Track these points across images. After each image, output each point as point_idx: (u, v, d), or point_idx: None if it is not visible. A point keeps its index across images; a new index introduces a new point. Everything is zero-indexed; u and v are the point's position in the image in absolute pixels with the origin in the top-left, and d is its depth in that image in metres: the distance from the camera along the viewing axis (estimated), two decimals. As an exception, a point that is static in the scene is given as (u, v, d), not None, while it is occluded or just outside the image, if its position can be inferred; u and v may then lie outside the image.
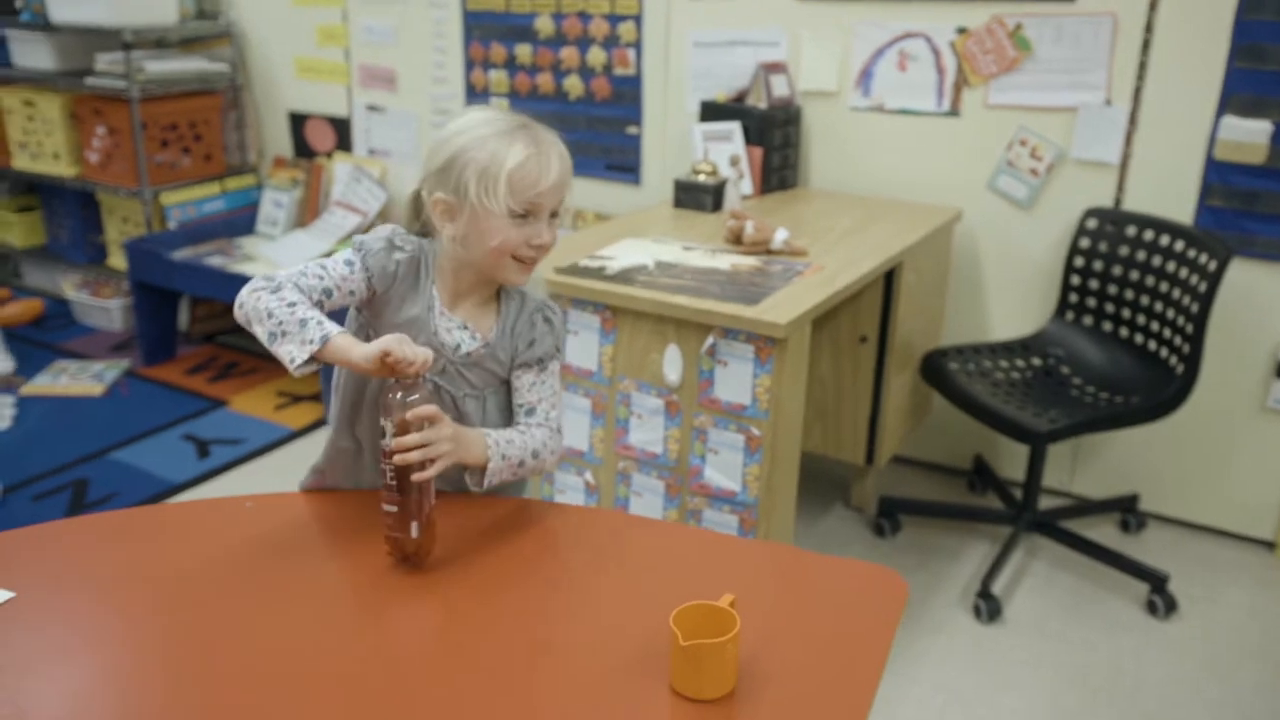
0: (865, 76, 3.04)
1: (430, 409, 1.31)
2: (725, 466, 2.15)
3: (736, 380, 2.08)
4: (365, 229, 3.90)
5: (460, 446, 1.36)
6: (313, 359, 1.32)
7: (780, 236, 2.41)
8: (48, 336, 4.21)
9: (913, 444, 3.22)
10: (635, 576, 1.37)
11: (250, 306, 1.37)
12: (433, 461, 1.31)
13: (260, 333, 1.35)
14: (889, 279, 2.63)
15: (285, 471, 3.16)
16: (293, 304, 1.35)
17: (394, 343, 1.28)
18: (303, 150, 4.21)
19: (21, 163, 4.26)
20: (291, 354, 1.32)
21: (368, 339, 1.39)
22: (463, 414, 1.49)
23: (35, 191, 4.56)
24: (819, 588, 1.37)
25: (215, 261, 3.77)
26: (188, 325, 4.16)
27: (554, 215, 1.44)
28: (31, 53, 4.13)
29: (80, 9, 3.74)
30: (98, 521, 1.50)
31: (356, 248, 1.46)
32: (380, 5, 3.79)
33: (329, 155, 4.12)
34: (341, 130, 4.07)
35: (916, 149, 3.02)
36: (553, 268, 2.27)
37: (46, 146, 4.15)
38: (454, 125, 1.43)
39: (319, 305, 1.40)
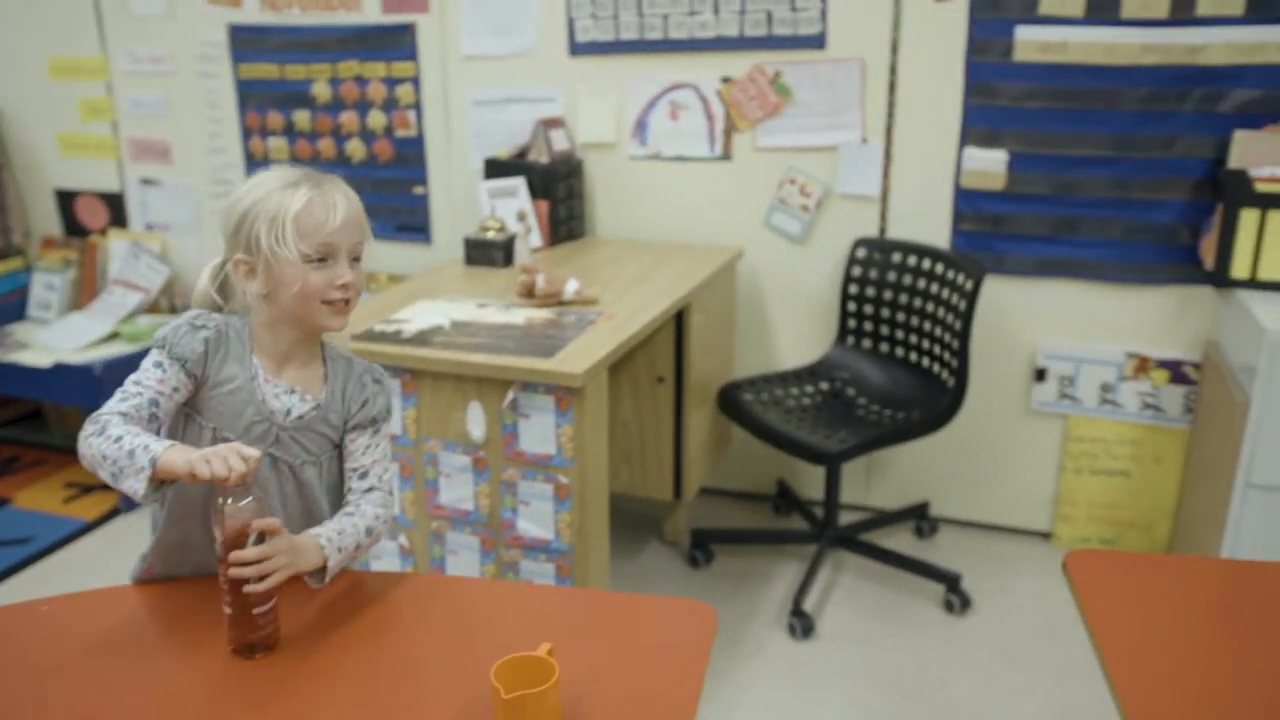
0: (640, 127, 3.17)
1: (267, 522, 1.31)
2: (537, 517, 2.19)
3: (540, 431, 2.13)
4: (150, 307, 3.76)
5: (296, 557, 1.37)
6: (153, 483, 1.32)
7: (571, 287, 2.48)
8: None
9: (718, 475, 3.35)
10: (454, 636, 1.39)
11: (86, 456, 1.37)
12: (269, 575, 1.32)
13: (105, 477, 1.35)
14: (679, 320, 2.74)
15: (83, 568, 3.00)
16: (119, 438, 1.34)
17: (200, 463, 1.28)
18: (74, 229, 4.02)
19: None
20: (133, 488, 1.32)
21: (192, 422, 1.45)
22: (302, 482, 1.50)
23: None
24: (633, 627, 1.43)
25: (-16, 353, 3.55)
26: (-43, 422, 3.89)
27: (356, 260, 1.46)
28: None
29: None
30: None
31: (159, 345, 1.45)
32: (148, 78, 3.68)
33: (103, 232, 3.96)
34: (115, 206, 3.92)
35: (695, 193, 3.17)
36: (349, 334, 2.26)
37: None
38: (242, 188, 1.45)
39: (153, 419, 1.41)
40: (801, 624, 2.65)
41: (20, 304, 3.95)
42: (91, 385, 3.23)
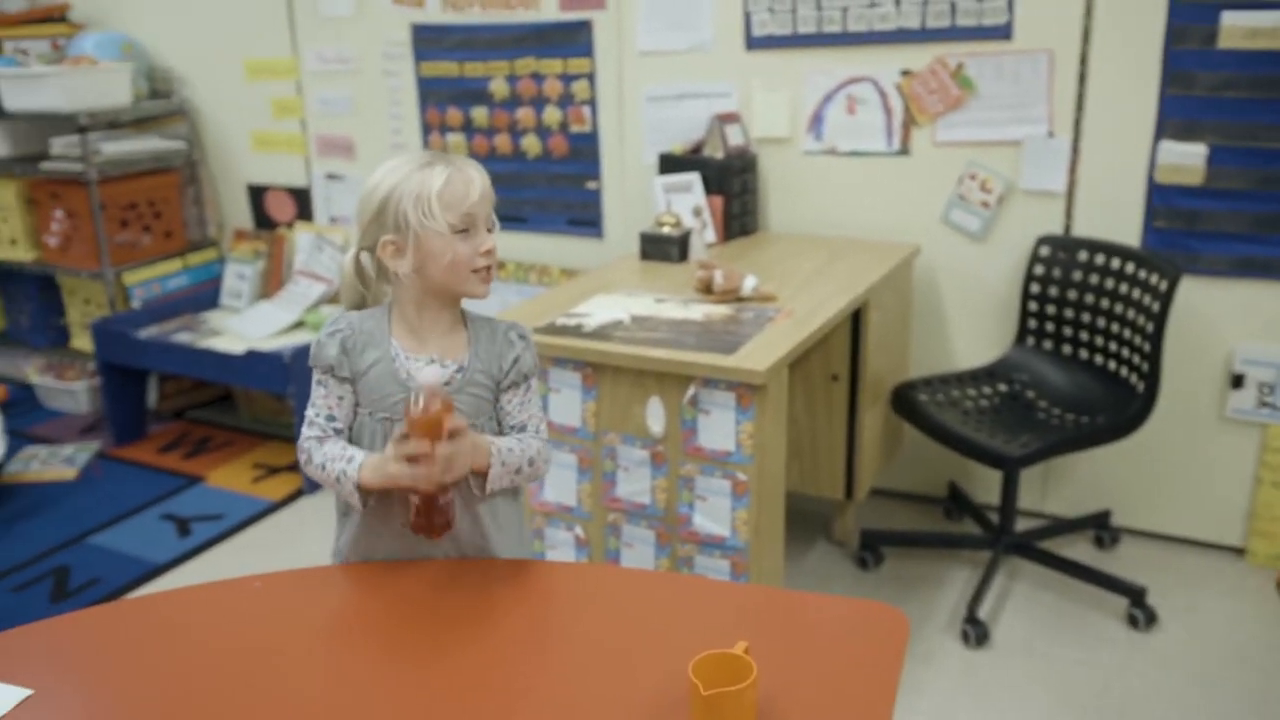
0: (816, 121, 3.13)
1: (459, 424, 1.41)
2: (714, 513, 2.19)
3: (719, 428, 2.13)
4: (332, 297, 3.93)
5: (475, 453, 1.47)
6: (365, 497, 1.50)
7: (749, 284, 2.47)
8: (13, 423, 4.17)
9: (889, 476, 3.29)
10: (642, 630, 1.40)
11: (315, 479, 1.56)
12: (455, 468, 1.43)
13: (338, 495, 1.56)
14: (855, 317, 2.70)
15: (269, 545, 3.16)
16: (322, 465, 1.52)
17: (396, 478, 1.43)
18: (263, 222, 4.23)
19: (-22, 250, 4.24)
20: (357, 504, 1.52)
21: (358, 412, 1.57)
22: None
23: (-8, 278, 4.54)
24: (823, 629, 1.41)
25: (182, 338, 3.77)
26: (156, 403, 4.14)
27: (489, 231, 1.54)
28: (-15, 141, 4.12)
29: (34, 95, 3.75)
30: (111, 612, 1.51)
31: (310, 365, 1.58)
32: (335, 76, 3.84)
33: (290, 225, 4.15)
34: (301, 200, 4.10)
35: (871, 188, 3.11)
36: (531, 328, 2.31)
37: (3, 233, 4.13)
38: (374, 178, 1.53)
39: (339, 432, 1.56)
40: (976, 631, 2.58)
41: (214, 293, 4.18)
42: (281, 371, 3.40)
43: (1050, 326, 2.92)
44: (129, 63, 3.99)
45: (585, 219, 3.56)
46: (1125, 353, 2.73)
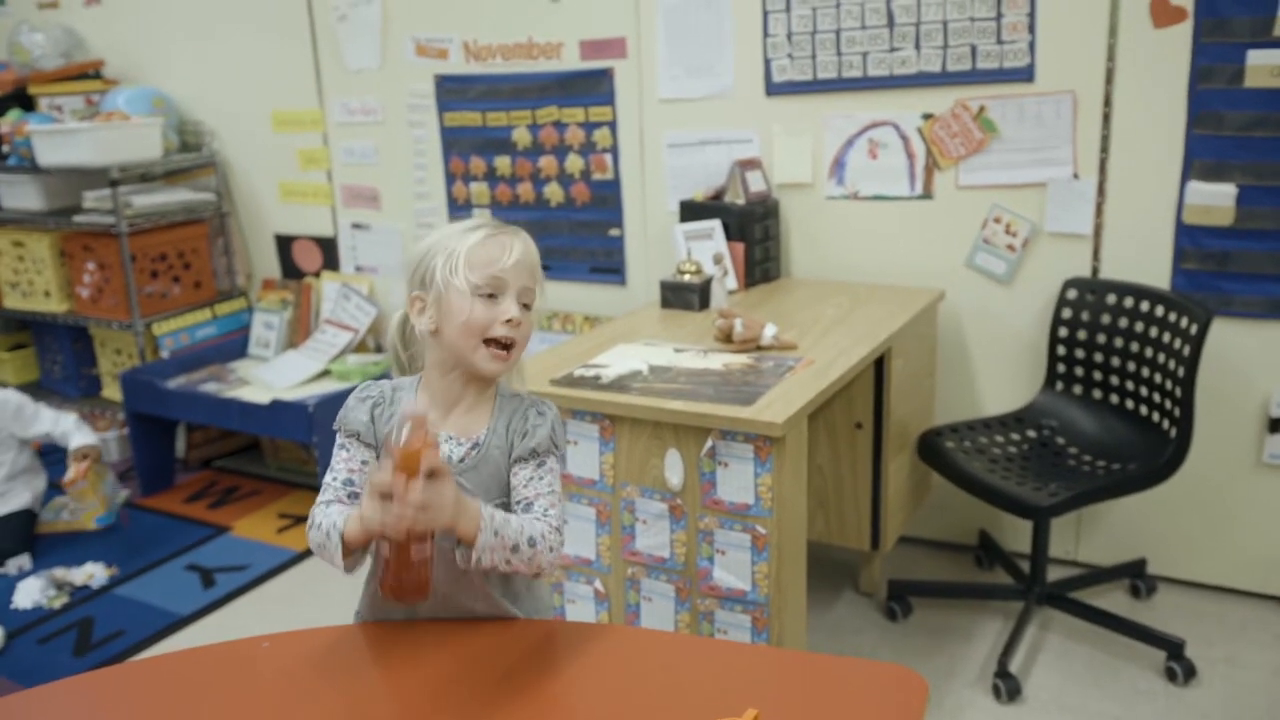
0: (838, 166, 3.12)
1: (443, 464, 1.30)
2: (734, 566, 2.16)
3: (738, 480, 2.10)
4: (358, 345, 3.94)
5: (458, 511, 1.33)
6: (349, 555, 1.42)
7: (769, 332, 2.45)
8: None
9: (916, 523, 3.23)
10: (655, 695, 1.37)
11: (314, 550, 1.48)
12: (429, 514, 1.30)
13: (329, 564, 1.46)
14: (879, 363, 2.67)
15: (292, 597, 3.14)
16: (319, 525, 1.45)
17: (367, 521, 1.32)
18: (291, 271, 4.26)
19: (13, 302, 4.30)
20: (342, 566, 1.44)
21: None
22: None
23: (27, 328, 4.60)
24: (838, 694, 1.37)
25: (210, 388, 3.79)
26: (185, 452, 4.16)
27: (527, 307, 1.50)
28: (20, 194, 4.19)
29: (67, 150, 3.81)
30: (112, 677, 1.50)
31: (336, 428, 1.55)
32: (360, 127, 3.88)
33: (317, 274, 4.18)
34: (328, 249, 4.13)
35: (894, 233, 3.09)
36: (548, 379, 2.30)
37: (37, 285, 4.20)
38: (427, 234, 1.54)
39: (354, 498, 1.50)
40: (1007, 686, 2.51)
41: (242, 342, 4.21)
42: (305, 421, 3.40)
43: (1079, 371, 2.87)
44: (160, 117, 4.06)
45: (608, 266, 3.56)
46: (1157, 397, 2.67)
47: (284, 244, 4.24)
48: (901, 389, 2.73)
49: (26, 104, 4.26)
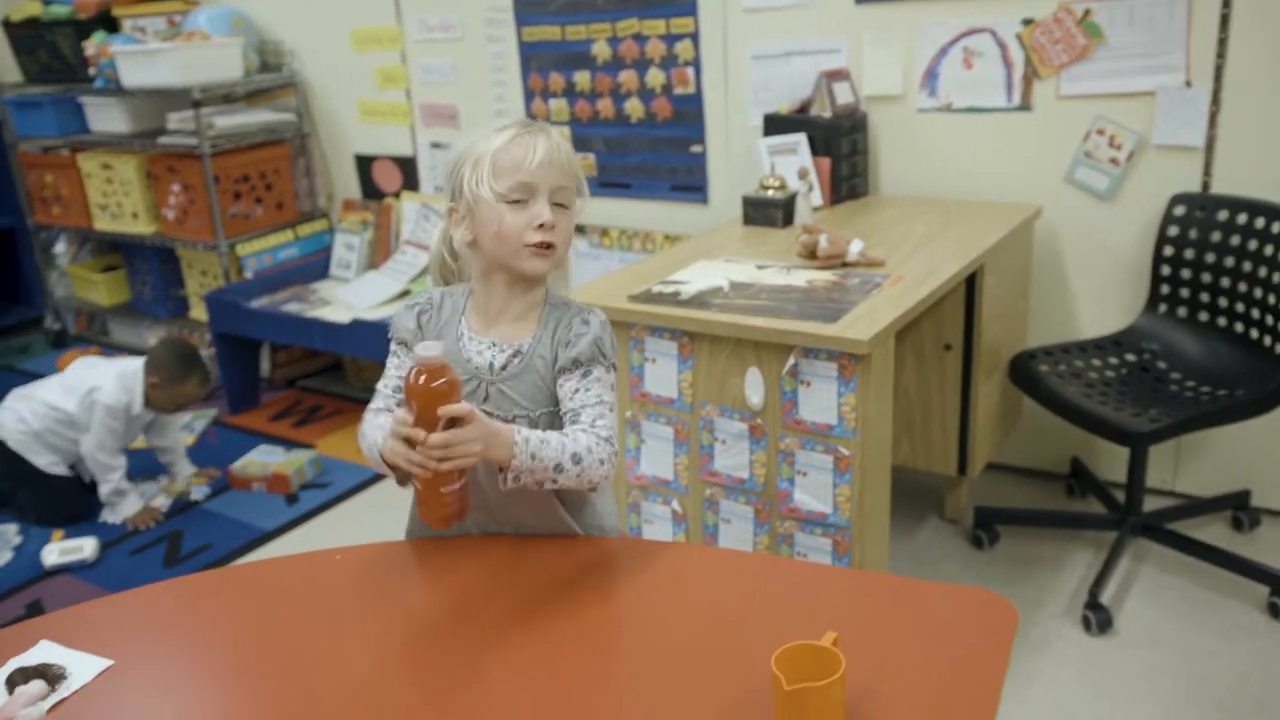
0: (930, 77, 2.97)
1: (462, 408, 1.26)
2: (815, 488, 2.10)
3: (821, 400, 2.03)
4: (436, 266, 3.92)
5: (489, 443, 1.29)
6: (393, 468, 1.37)
7: (855, 248, 2.35)
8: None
9: (1006, 450, 3.12)
10: (730, 616, 1.32)
11: (365, 453, 1.47)
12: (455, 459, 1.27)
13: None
14: (970, 282, 2.55)
15: (373, 513, 3.18)
16: (367, 434, 1.46)
17: (390, 456, 1.31)
18: (371, 192, 4.25)
19: (102, 224, 4.37)
20: (386, 473, 1.41)
21: None
22: None
23: (117, 250, 4.68)
24: (923, 618, 1.31)
25: (292, 308, 3.82)
26: (270, 372, 4.22)
27: (563, 206, 1.43)
28: (106, 117, 4.24)
29: (150, 72, 3.83)
30: (191, 583, 1.51)
31: (389, 335, 1.53)
32: (438, 44, 3.82)
33: (396, 195, 4.16)
34: (407, 169, 4.10)
35: (989, 147, 2.94)
36: (626, 295, 2.24)
37: (125, 206, 4.25)
38: (464, 138, 1.48)
39: (402, 405, 1.43)
40: (1098, 618, 2.42)
41: (324, 263, 4.22)
42: (385, 341, 3.39)
43: (1185, 292, 2.72)
44: (239, 37, 4.05)
45: (690, 184, 3.47)
46: (1269, 320, 2.51)
47: (364, 164, 4.22)
48: (994, 309, 2.62)
49: (111, 26, 4.28)
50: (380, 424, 1.42)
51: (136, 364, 3.22)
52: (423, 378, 1.24)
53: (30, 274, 4.85)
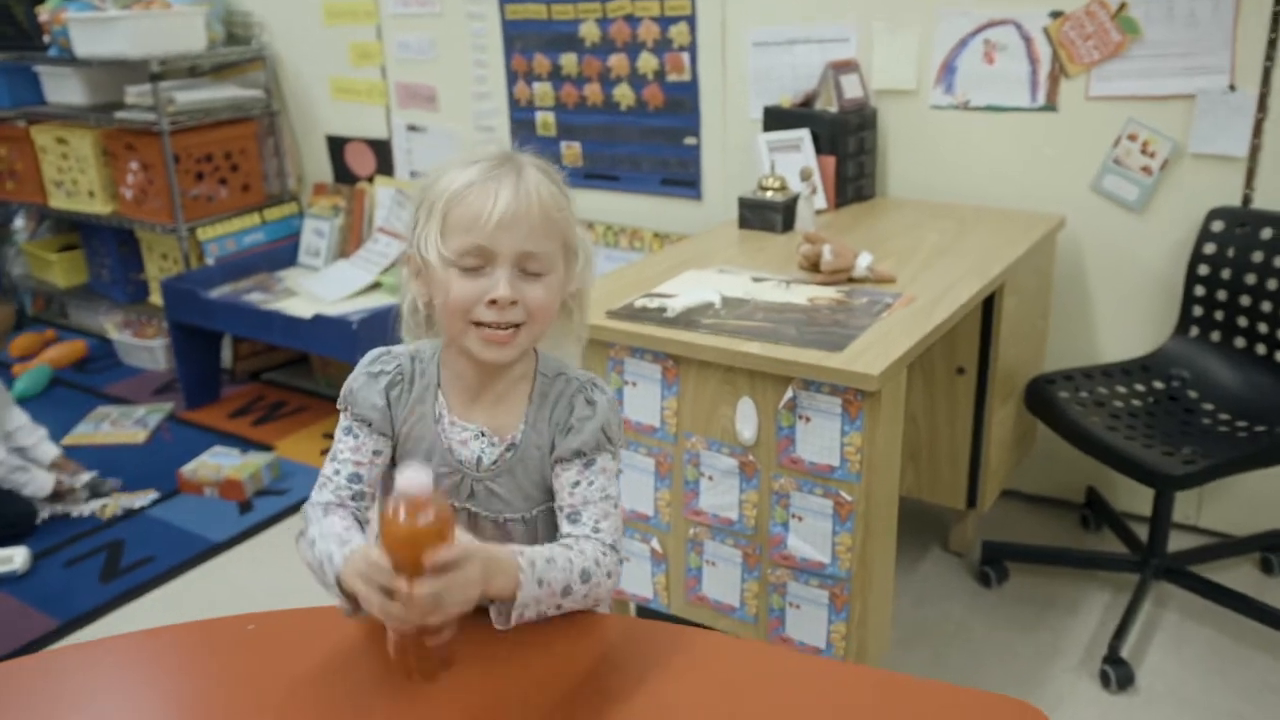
0: (947, 71, 2.72)
1: (458, 553, 0.99)
2: (812, 535, 1.86)
3: (822, 438, 1.79)
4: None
5: (490, 581, 1.06)
6: (348, 600, 1.09)
7: (863, 262, 2.11)
8: (91, 380, 4.05)
9: (1017, 475, 2.89)
10: (715, 714, 1.08)
11: (306, 560, 1.18)
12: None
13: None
14: (988, 300, 2.32)
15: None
16: (314, 542, 1.16)
17: (363, 597, 1.02)
18: (343, 175, 3.99)
19: (58, 201, 4.11)
20: (339, 607, 1.13)
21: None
22: (514, 540, 1.22)
23: (77, 230, 4.41)
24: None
25: (254, 298, 3.57)
26: (232, 363, 3.97)
27: (533, 276, 1.14)
28: (62, 88, 3.97)
29: (103, 41, 3.56)
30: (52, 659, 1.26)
31: (342, 405, 1.23)
32: (415, 19, 3.55)
33: (370, 180, 3.90)
34: (382, 153, 3.84)
35: (1009, 149, 2.70)
36: (605, 311, 2.00)
37: (81, 184, 3.99)
38: (436, 164, 1.19)
39: (360, 497, 1.21)
40: (1118, 674, 2.20)
41: (292, 250, 3.97)
42: (349, 339, 3.15)
43: (1220, 314, 2.49)
44: (204, 6, 3.78)
45: (682, 178, 3.22)
46: (1314, 350, 2.29)
47: (336, 146, 3.96)
48: (1012, 330, 2.38)
49: (69, -11, 4.00)
50: (332, 531, 1.16)
51: None
52: (406, 515, 0.96)
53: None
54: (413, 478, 0.96)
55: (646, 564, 2.10)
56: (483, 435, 1.21)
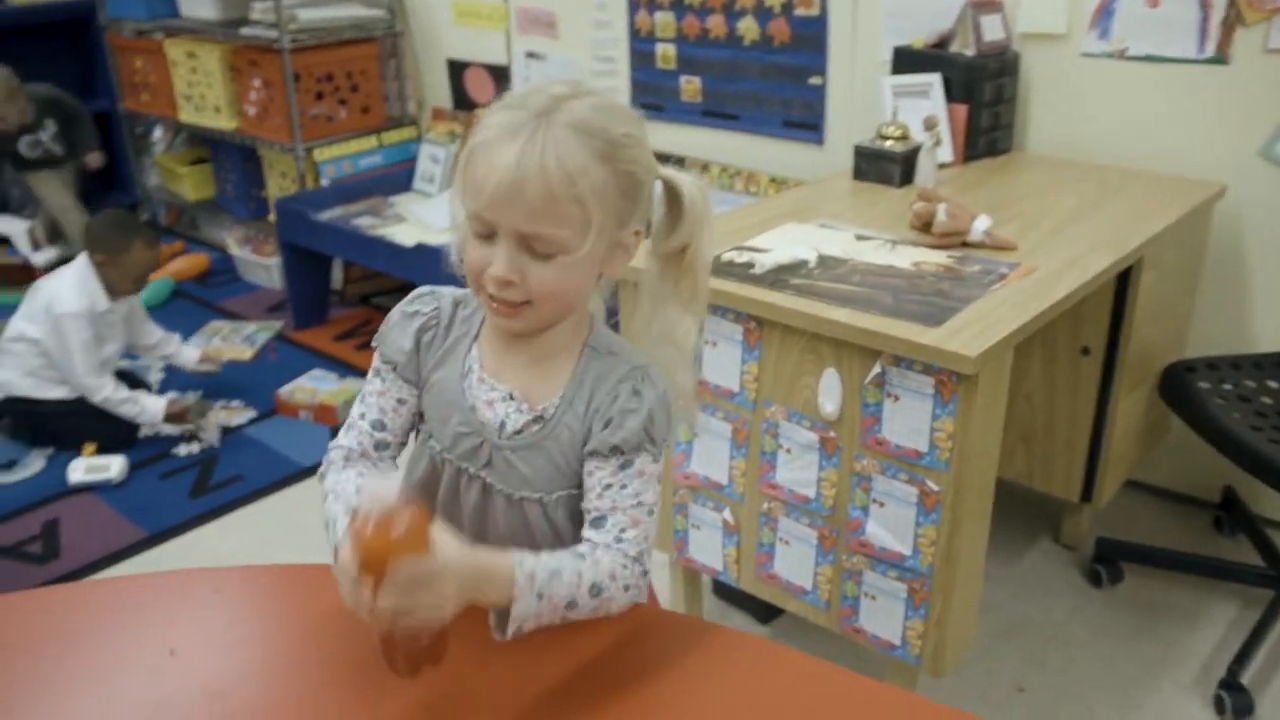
0: (1103, 14, 2.44)
1: (415, 571, 0.86)
2: (893, 523, 1.70)
3: (910, 419, 1.62)
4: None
5: (478, 591, 0.94)
6: None
7: (980, 226, 1.90)
8: (210, 293, 4.12)
9: (1145, 465, 2.64)
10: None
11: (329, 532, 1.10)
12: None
13: None
14: (1123, 274, 2.07)
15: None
16: (327, 495, 1.11)
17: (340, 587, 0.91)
18: (462, 101, 3.91)
19: (187, 115, 4.15)
20: None
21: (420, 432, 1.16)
22: (527, 521, 1.11)
23: (207, 144, 4.47)
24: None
25: (362, 222, 3.53)
26: (342, 285, 3.96)
27: (545, 258, 0.99)
28: (195, 2, 3.99)
29: (231, -46, 3.53)
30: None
31: (375, 342, 1.15)
32: (540, -60, 3.41)
33: (488, 106, 3.80)
34: (500, 79, 3.74)
35: (1168, 106, 2.41)
36: (689, 262, 1.84)
37: (209, 99, 4.01)
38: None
39: (383, 446, 1.13)
40: (1235, 702, 1.98)
41: (408, 175, 3.92)
42: (444, 271, 3.07)
43: (1399, 307, 2.19)
44: (332, -80, 3.71)
45: (805, 120, 3.01)
46: None
47: (456, 71, 3.87)
48: (1150, 309, 2.14)
49: (206, -99, 3.99)
50: (344, 489, 1.08)
51: (81, 260, 2.95)
52: (373, 526, 0.86)
53: (125, 162, 4.69)
54: (376, 488, 0.91)
55: (718, 535, 1.97)
56: (511, 399, 1.09)
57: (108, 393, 2.92)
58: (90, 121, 4.21)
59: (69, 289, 2.90)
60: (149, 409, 2.96)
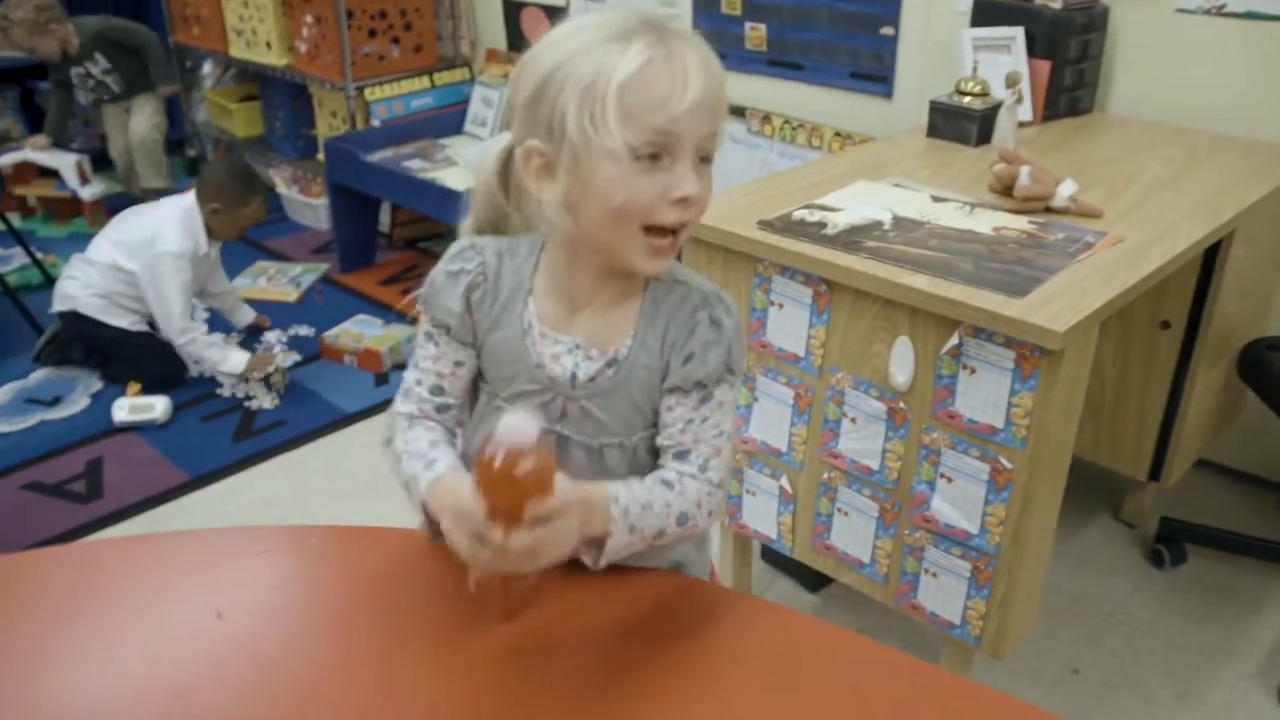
0: (1201, -31, 2.31)
1: (551, 509, 0.88)
2: (960, 499, 1.63)
3: (986, 393, 1.54)
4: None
5: (584, 526, 0.95)
6: (435, 527, 1.01)
7: (1065, 190, 1.81)
8: (257, 232, 4.04)
9: (1213, 443, 2.54)
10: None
11: (395, 474, 1.10)
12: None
13: None
14: (1210, 246, 1.97)
15: (461, 410, 2.86)
16: (399, 458, 1.08)
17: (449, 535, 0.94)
18: (517, 43, 3.81)
19: (238, 50, 4.09)
20: (421, 529, 1.08)
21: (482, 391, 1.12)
22: (606, 468, 1.07)
23: (256, 80, 4.41)
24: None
25: (412, 165, 3.47)
26: (390, 228, 3.91)
27: (705, 160, 0.96)
28: (248, -68, 3.91)
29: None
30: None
31: (421, 304, 1.08)
32: (603, -124, 3.30)
33: (551, 43, 3.70)
34: (558, 20, 3.63)
35: (1267, 67, 2.27)
36: (757, 220, 1.77)
37: (260, 34, 3.95)
38: (549, 37, 0.97)
39: (445, 409, 1.10)
40: (1305, 694, 1.91)
41: (460, 117, 3.85)
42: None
43: None
44: None
45: (874, 73, 2.90)
46: None
47: (512, 11, 3.77)
48: (1236, 283, 2.04)
49: None
50: (417, 449, 1.06)
51: (188, 200, 2.91)
52: (505, 464, 0.86)
53: (174, 96, 4.63)
54: (516, 426, 0.86)
55: (773, 502, 1.91)
56: (578, 348, 1.04)
57: (196, 334, 2.90)
58: (161, 52, 4.15)
59: (174, 228, 2.86)
60: (231, 359, 2.91)
